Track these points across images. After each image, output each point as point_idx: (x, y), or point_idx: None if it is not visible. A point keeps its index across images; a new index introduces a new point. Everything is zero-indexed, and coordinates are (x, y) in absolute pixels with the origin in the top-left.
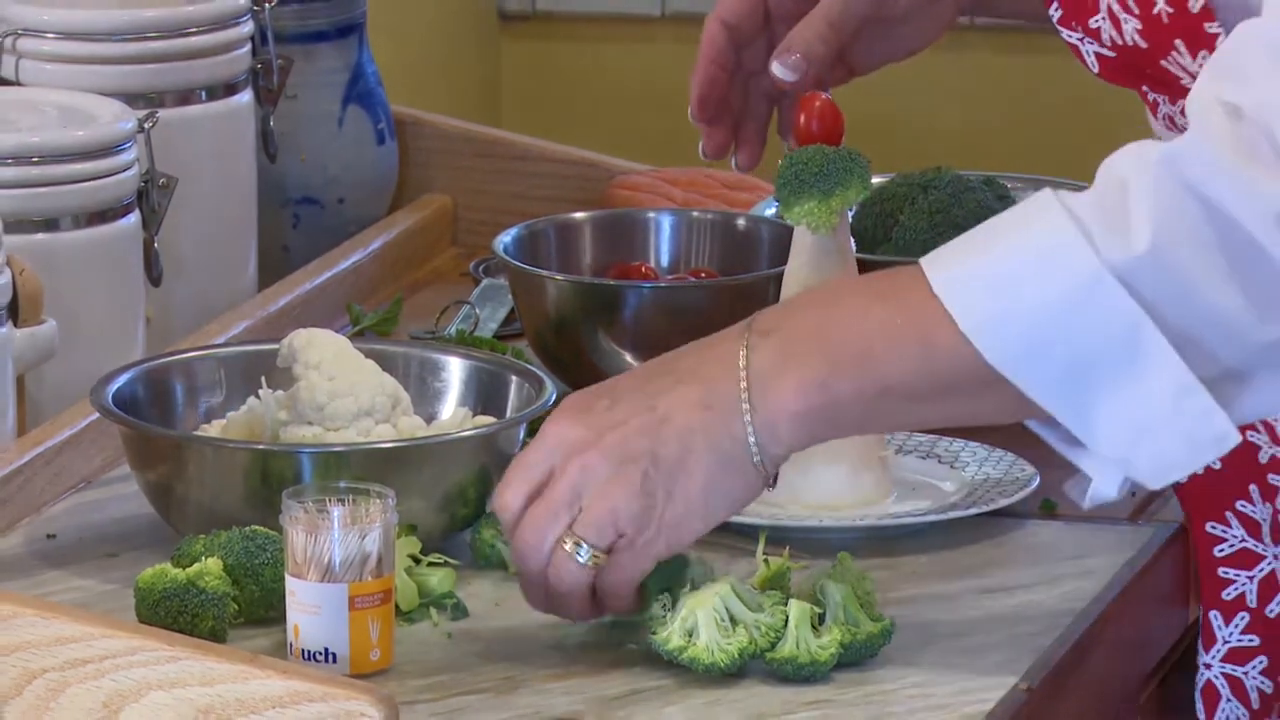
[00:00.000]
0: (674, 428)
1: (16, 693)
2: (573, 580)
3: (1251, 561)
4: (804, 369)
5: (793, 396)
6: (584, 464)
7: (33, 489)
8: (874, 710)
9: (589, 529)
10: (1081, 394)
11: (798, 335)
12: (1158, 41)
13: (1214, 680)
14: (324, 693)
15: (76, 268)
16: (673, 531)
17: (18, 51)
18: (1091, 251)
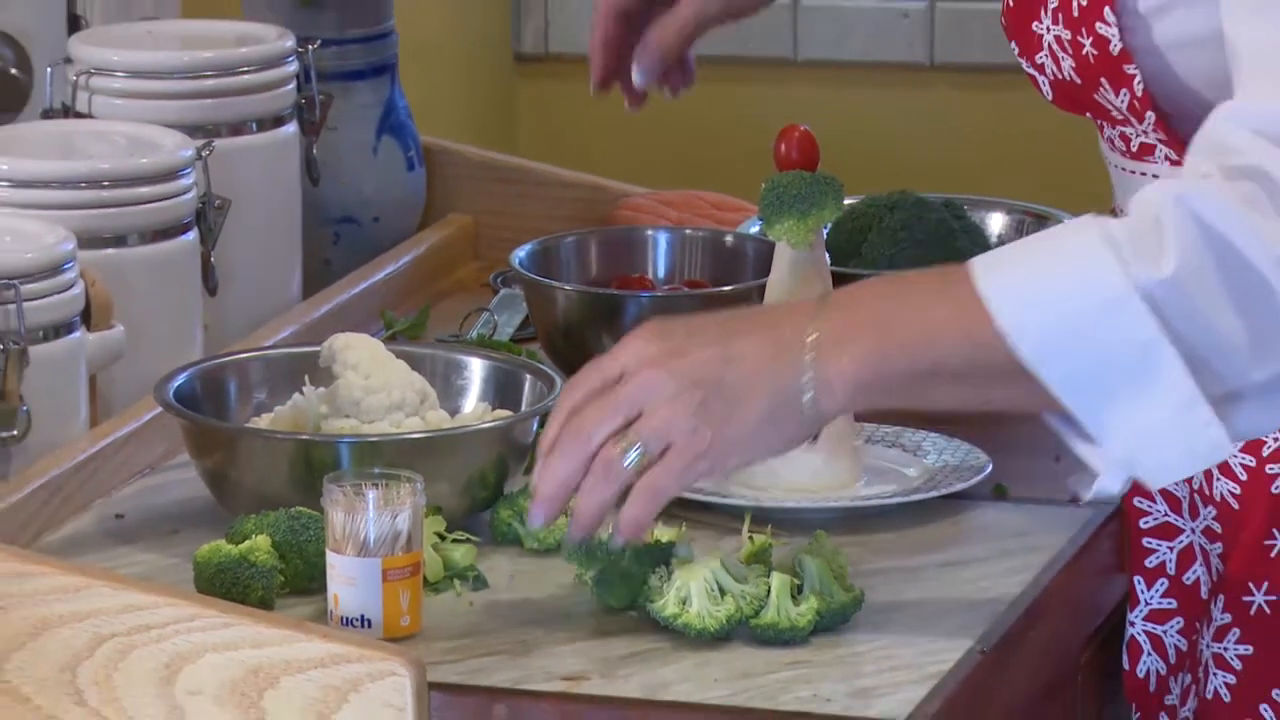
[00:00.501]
0: (741, 368)
1: (88, 654)
2: (613, 477)
3: (1172, 533)
4: (864, 345)
5: (852, 366)
6: (652, 378)
7: (103, 475)
8: (847, 670)
9: (644, 435)
10: (1099, 396)
11: (862, 316)
12: (1089, 78)
13: (1137, 637)
14: (360, 654)
15: (142, 279)
16: (716, 457)
17: (90, 88)
18: (1122, 271)
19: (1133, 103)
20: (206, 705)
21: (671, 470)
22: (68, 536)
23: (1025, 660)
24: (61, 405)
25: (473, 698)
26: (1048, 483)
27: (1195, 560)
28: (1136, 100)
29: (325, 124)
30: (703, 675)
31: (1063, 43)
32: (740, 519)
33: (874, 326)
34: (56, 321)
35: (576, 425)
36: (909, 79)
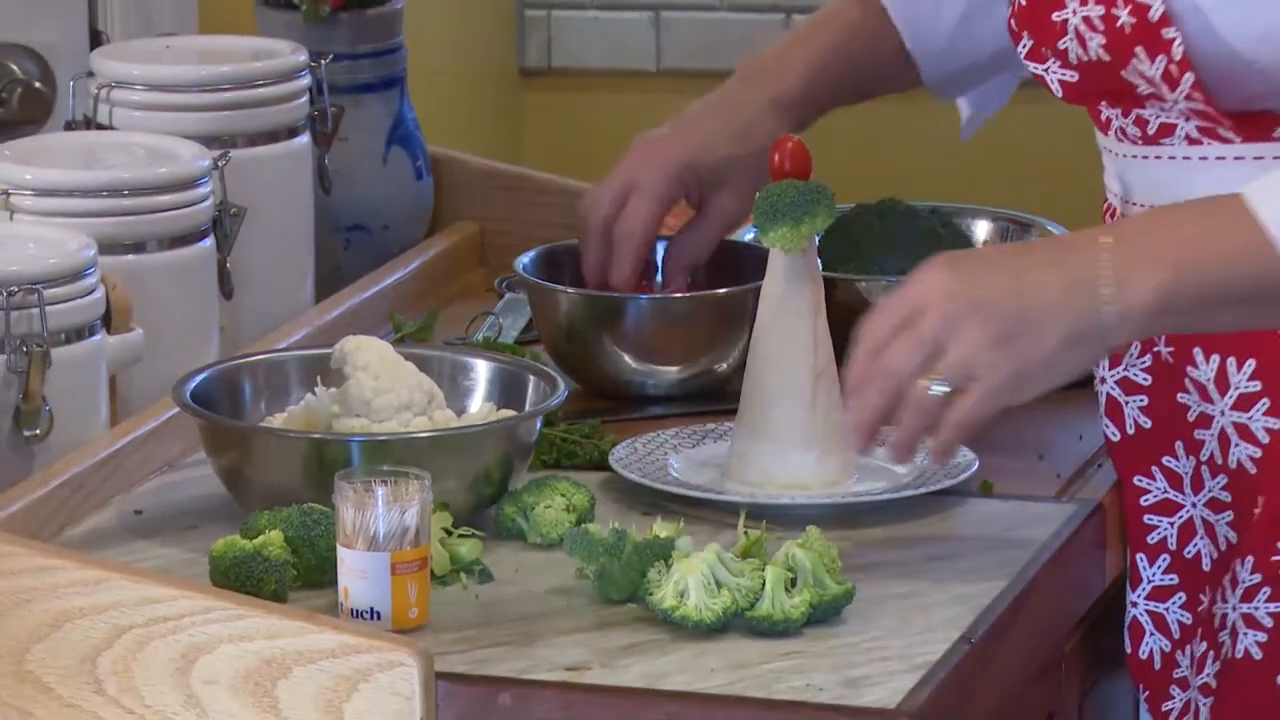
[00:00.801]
0: (1039, 299)
1: (108, 645)
2: (925, 409)
3: (1172, 509)
4: (1159, 273)
5: (1148, 294)
6: (951, 313)
7: (123, 472)
8: (839, 660)
9: (949, 370)
10: None
11: (1153, 247)
12: (1121, 52)
13: (1139, 617)
14: (370, 645)
15: (160, 284)
16: (1018, 385)
17: (111, 101)
18: None
19: (1169, 69)
20: (221, 694)
21: (977, 403)
22: (88, 532)
23: (1011, 650)
24: (83, 405)
25: (478, 687)
26: (1033, 480)
27: (1196, 534)
28: (1174, 65)
29: (337, 135)
30: (700, 665)
31: (1091, 21)
32: (736, 515)
33: (1166, 255)
34: (78, 325)
35: (884, 363)
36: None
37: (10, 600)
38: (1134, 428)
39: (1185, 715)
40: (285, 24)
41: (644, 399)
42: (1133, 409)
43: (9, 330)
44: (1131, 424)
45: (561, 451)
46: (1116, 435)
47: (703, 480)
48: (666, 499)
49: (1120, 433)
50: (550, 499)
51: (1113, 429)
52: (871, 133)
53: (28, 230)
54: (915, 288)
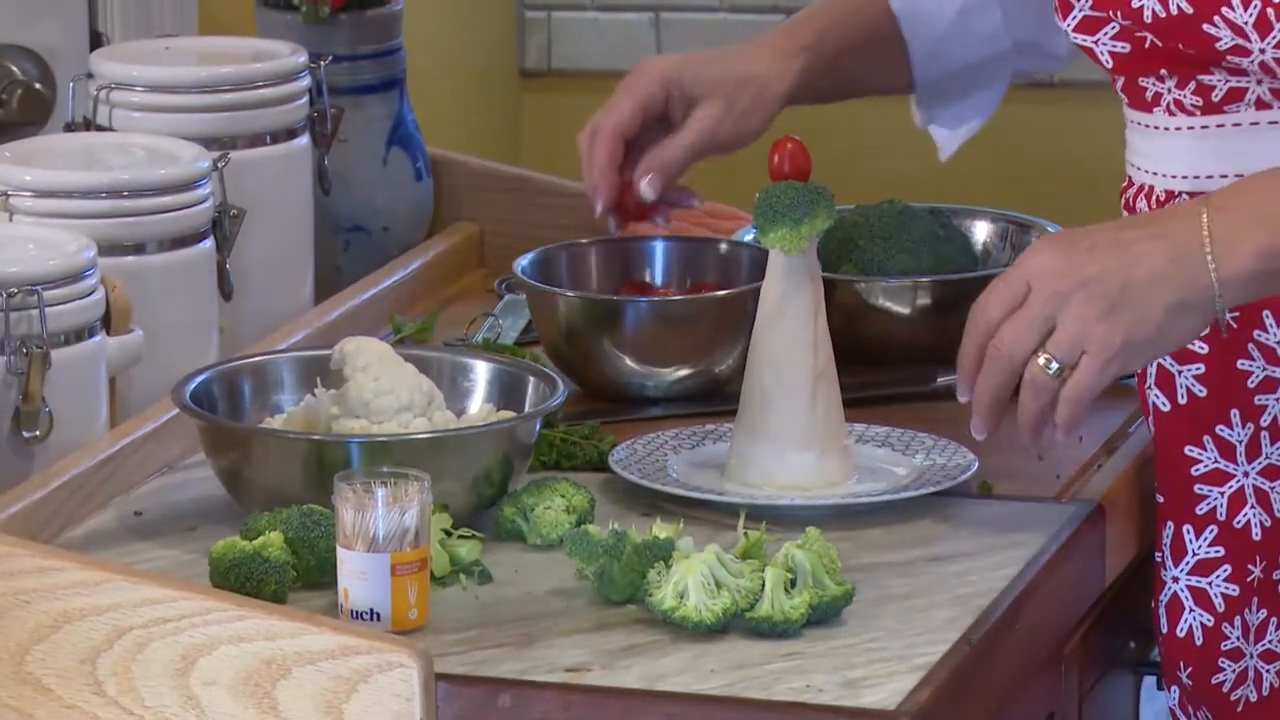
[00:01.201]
0: (1144, 270)
1: (108, 646)
2: (1042, 386)
3: (1223, 479)
4: (1259, 237)
5: (1250, 259)
6: (1060, 290)
7: (123, 473)
8: (838, 661)
9: (1060, 347)
10: None
11: (1251, 213)
12: (1204, 6)
13: (1179, 593)
14: (370, 646)
15: (160, 285)
16: (1130, 355)
17: (111, 102)
18: None
19: (1265, 13)
20: (221, 695)
21: (1089, 376)
22: (88, 533)
23: (1011, 651)
24: (82, 406)
25: (478, 688)
26: (1032, 481)
27: (1246, 503)
28: (1272, 8)
29: (336, 136)
30: (700, 666)
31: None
32: (736, 516)
33: (1263, 219)
34: (78, 326)
35: (998, 346)
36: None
37: (10, 601)
38: (1186, 397)
39: (1242, 684)
40: (285, 25)
41: (643, 400)
42: (1186, 378)
43: (9, 331)
44: (1184, 394)
45: (561, 453)
46: (1167, 405)
47: (702, 481)
48: (666, 500)
49: (1171, 403)
50: (550, 500)
51: (1163, 399)
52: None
53: (27, 231)
54: (1021, 269)
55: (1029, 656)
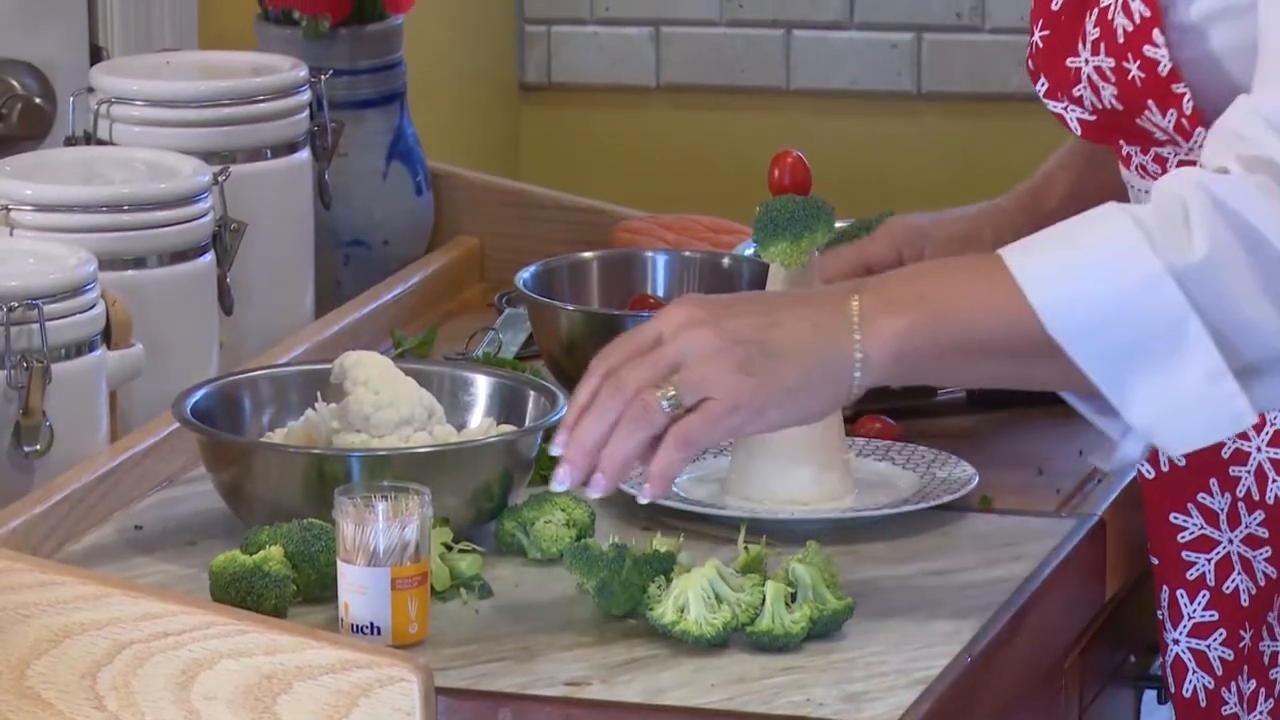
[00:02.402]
0: (785, 331)
1: (108, 660)
2: (648, 420)
3: (1209, 546)
4: (904, 318)
5: (890, 337)
6: (694, 337)
7: (123, 487)
8: (839, 675)
9: (685, 385)
10: (1124, 371)
11: (901, 292)
12: (1134, 104)
13: (1181, 655)
14: (370, 660)
15: (160, 299)
16: (753, 414)
17: (111, 116)
18: (1153, 254)
19: (1180, 122)
20: (221, 710)
21: (706, 419)
22: (89, 547)
23: (1011, 665)
24: (83, 420)
25: (478, 702)
26: (1032, 495)
27: (1233, 570)
28: (1185, 119)
29: (337, 150)
30: (700, 680)
31: (1104, 72)
32: (736, 530)
33: (914, 301)
34: (78, 340)
35: (615, 382)
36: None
37: (11, 615)
38: (1168, 465)
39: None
40: (285, 39)
41: None
42: None
43: (9, 345)
44: (1165, 462)
45: None
46: (1151, 473)
47: (703, 495)
48: (666, 514)
49: (1155, 470)
50: (550, 514)
51: (1147, 466)
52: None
53: (28, 245)
54: (653, 322)
55: (1029, 670)
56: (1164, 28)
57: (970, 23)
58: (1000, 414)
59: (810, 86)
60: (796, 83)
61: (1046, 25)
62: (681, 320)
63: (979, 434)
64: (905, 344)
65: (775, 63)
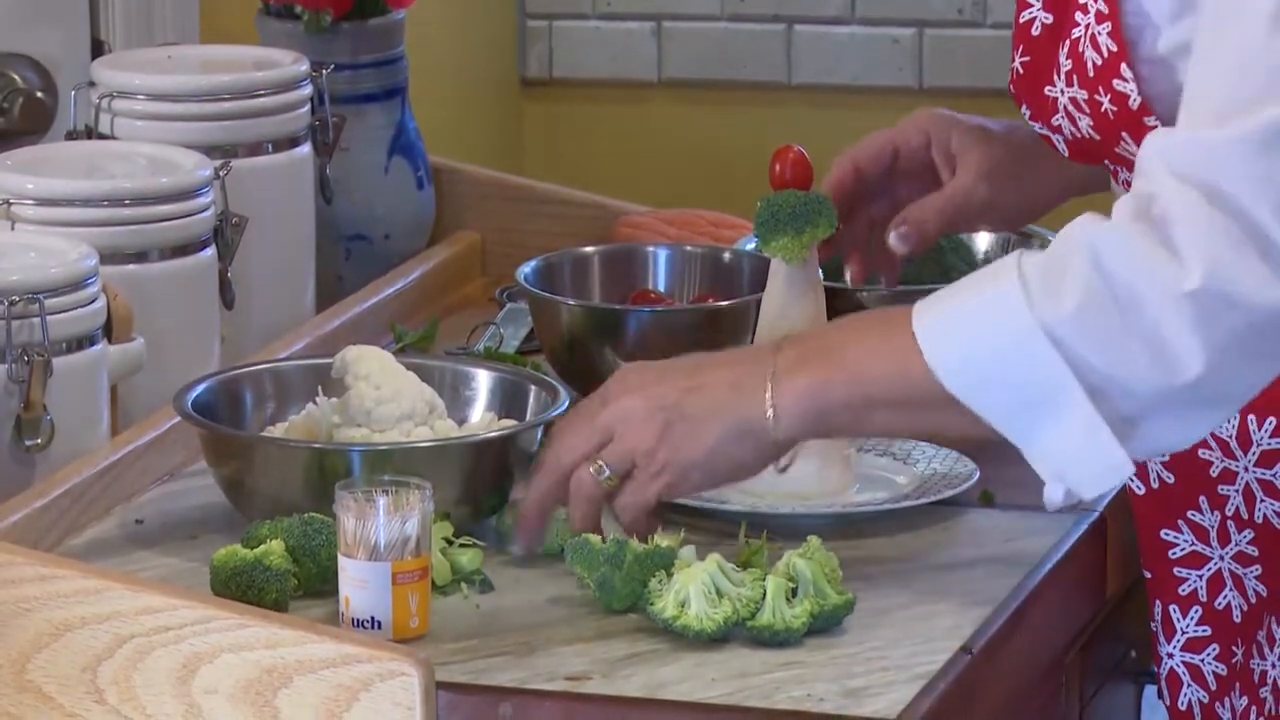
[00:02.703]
0: (704, 395)
1: (109, 654)
2: (588, 493)
3: (1200, 562)
4: (811, 375)
5: (799, 394)
6: (625, 405)
7: (124, 481)
8: (839, 670)
9: (611, 456)
10: (1024, 423)
11: (813, 350)
12: (1109, 134)
13: (1176, 668)
14: (371, 655)
15: (161, 294)
16: (678, 475)
17: (113, 111)
18: (1028, 309)
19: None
20: (222, 704)
21: (635, 488)
22: (90, 541)
23: (1011, 661)
24: (84, 415)
25: (479, 697)
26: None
27: (1225, 586)
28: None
29: (338, 145)
30: (701, 675)
31: (1079, 103)
32: (737, 525)
33: (819, 358)
34: (79, 334)
35: (554, 451)
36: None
37: (11, 609)
38: (1158, 482)
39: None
40: (287, 34)
41: None
42: (1155, 464)
43: (10, 339)
44: (1155, 479)
45: None
46: (1141, 489)
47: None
48: (667, 509)
49: (1145, 486)
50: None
51: (1137, 482)
52: None
53: (29, 240)
54: (604, 387)
55: (1030, 666)
56: (1131, 62)
57: (972, 18)
58: None
59: (812, 82)
60: (798, 78)
61: (1027, 51)
62: (618, 388)
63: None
64: (812, 401)
65: (777, 58)
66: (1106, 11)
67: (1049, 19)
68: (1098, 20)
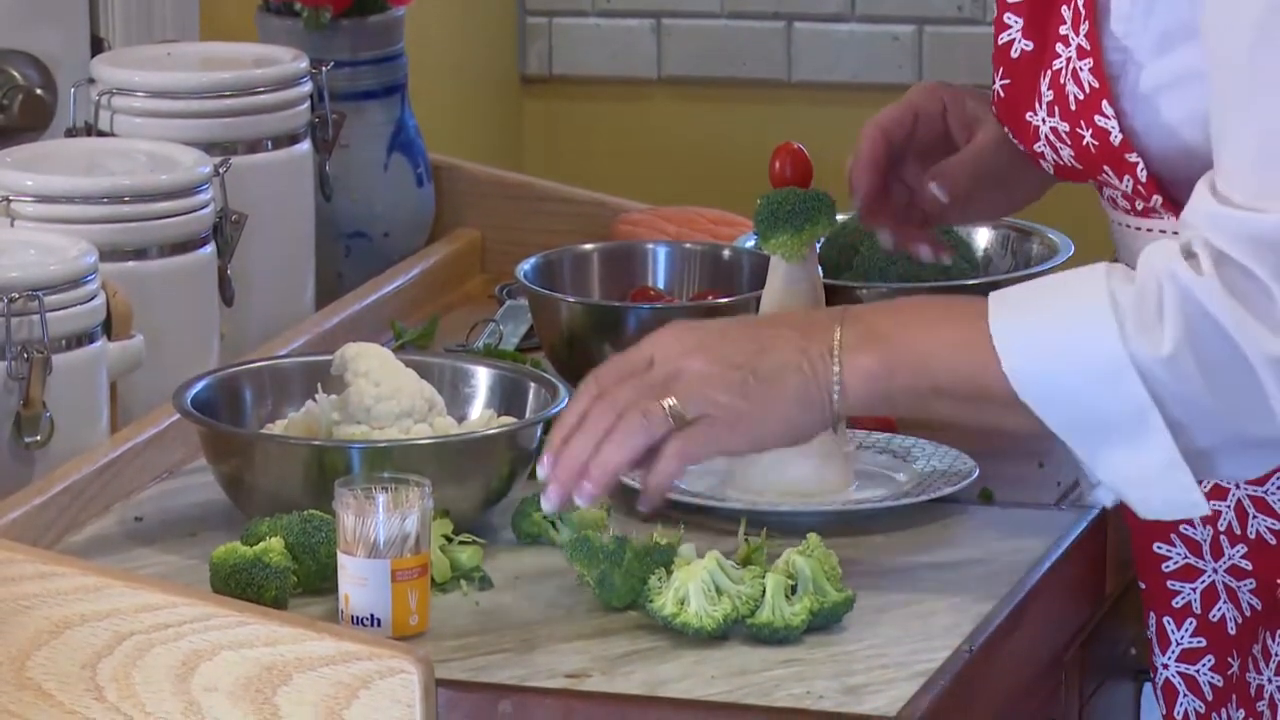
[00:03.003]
0: (775, 357)
1: (108, 652)
2: (648, 428)
3: (1194, 575)
4: (876, 358)
5: (865, 375)
6: (688, 364)
7: (123, 478)
8: (839, 668)
9: (687, 396)
10: (1092, 441)
11: (879, 331)
12: (1091, 165)
13: (1171, 679)
14: (370, 652)
15: (161, 291)
16: (748, 436)
17: (112, 108)
18: (1122, 343)
19: (1137, 188)
20: (222, 701)
21: (708, 434)
22: (89, 538)
23: (1011, 658)
24: (83, 412)
25: (478, 694)
26: (1033, 488)
27: (1219, 598)
28: (1141, 186)
29: (338, 142)
30: (700, 673)
31: (1060, 134)
32: (736, 522)
33: (888, 341)
34: (79, 331)
35: (608, 401)
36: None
37: (11, 607)
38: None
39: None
40: (286, 30)
41: None
42: None
43: (10, 337)
44: None
45: None
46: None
47: (703, 487)
48: (667, 506)
49: None
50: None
51: None
52: None
53: (29, 237)
54: (644, 346)
55: (1029, 663)
56: (1113, 99)
57: (971, 15)
58: None
59: (811, 79)
60: (798, 75)
61: (1007, 74)
62: (674, 345)
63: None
64: (878, 383)
65: (776, 55)
66: (1088, 48)
67: (1029, 46)
68: (1079, 55)
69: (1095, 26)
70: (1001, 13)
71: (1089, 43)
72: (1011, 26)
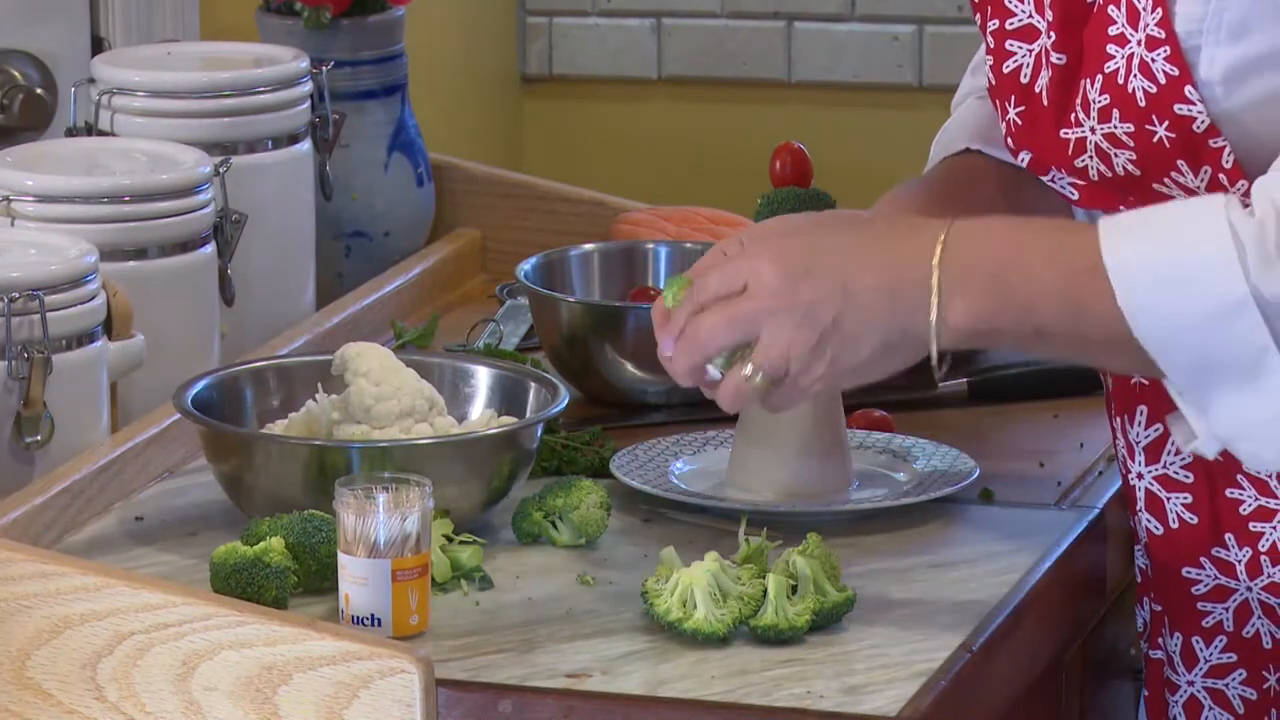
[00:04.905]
0: (859, 307)
1: (108, 651)
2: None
3: (1225, 595)
4: (978, 299)
5: (964, 316)
6: (772, 308)
7: (124, 478)
8: (839, 668)
9: (767, 361)
10: (1205, 384)
11: (982, 269)
12: (1155, 166)
13: (1197, 695)
14: (370, 652)
15: (161, 290)
16: (832, 381)
17: (113, 107)
18: (1244, 278)
19: (1217, 178)
20: (222, 701)
21: (794, 394)
22: (89, 538)
23: (1011, 658)
24: (84, 411)
25: (479, 694)
26: (1033, 488)
27: (1253, 614)
28: (1224, 174)
29: (338, 142)
30: (700, 673)
31: (1117, 139)
32: (736, 522)
33: (991, 280)
34: (79, 331)
35: (695, 329)
36: (898, 99)
37: (11, 606)
38: (1178, 522)
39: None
40: (287, 30)
41: (645, 406)
42: (1175, 504)
43: (10, 336)
44: (1175, 519)
45: (562, 459)
46: (1159, 529)
47: (703, 487)
48: (667, 506)
49: (1163, 526)
50: (581, 499)
51: (1155, 523)
52: (872, 140)
53: (29, 236)
54: (747, 263)
55: (1030, 663)
56: (1196, 84)
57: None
58: (1001, 407)
59: (811, 79)
60: (798, 75)
61: (1021, 101)
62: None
63: (980, 427)
64: (979, 324)
65: (776, 55)
66: (1162, 36)
67: (1061, 60)
68: (1149, 47)
69: (1167, 14)
70: (1000, 42)
71: (1162, 30)
72: (1016, 53)
